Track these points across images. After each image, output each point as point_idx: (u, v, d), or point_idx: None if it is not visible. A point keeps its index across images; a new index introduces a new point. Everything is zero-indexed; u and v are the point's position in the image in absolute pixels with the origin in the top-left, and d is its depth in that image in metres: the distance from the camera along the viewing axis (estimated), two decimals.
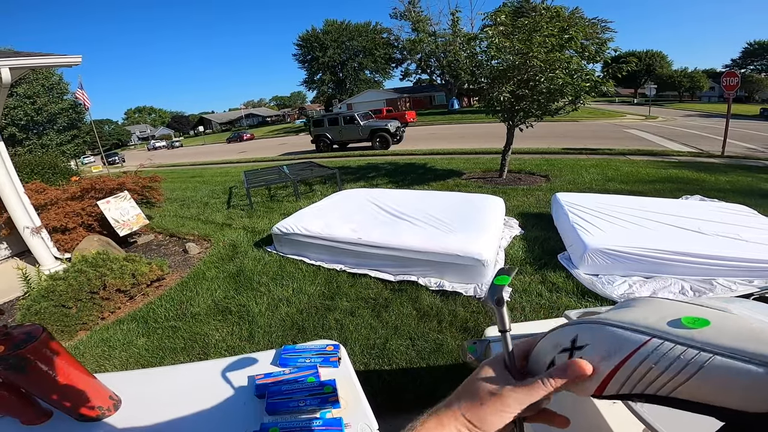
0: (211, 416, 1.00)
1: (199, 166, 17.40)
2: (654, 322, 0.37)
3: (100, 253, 3.58)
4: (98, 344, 3.01)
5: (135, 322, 3.28)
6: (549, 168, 8.22)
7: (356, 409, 1.00)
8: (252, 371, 1.14)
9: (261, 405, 1.00)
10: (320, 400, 0.99)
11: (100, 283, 3.28)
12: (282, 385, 1.04)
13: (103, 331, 3.20)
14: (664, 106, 38.32)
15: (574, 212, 4.00)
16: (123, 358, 2.82)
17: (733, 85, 9.53)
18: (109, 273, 3.34)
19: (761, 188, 6.22)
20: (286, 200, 7.07)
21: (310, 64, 50.59)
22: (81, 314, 3.15)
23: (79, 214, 4.91)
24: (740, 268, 3.05)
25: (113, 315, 3.42)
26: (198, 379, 1.14)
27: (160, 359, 2.75)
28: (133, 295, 3.58)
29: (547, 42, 5.45)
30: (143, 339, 3.03)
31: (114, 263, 3.45)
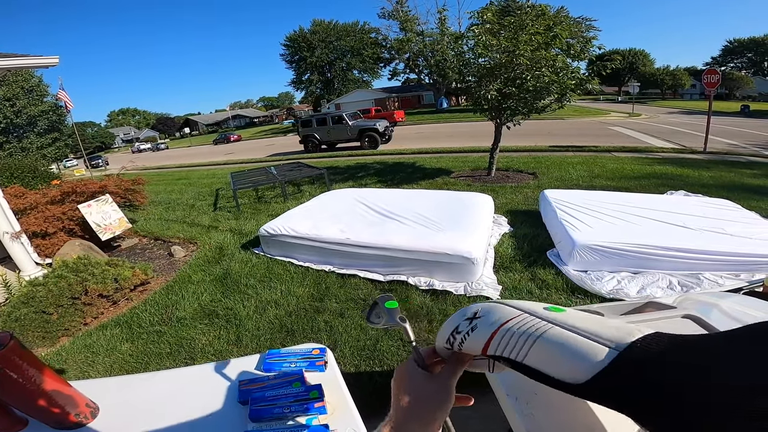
0: (191, 424, 0.96)
1: (185, 168, 17.13)
2: (532, 307, 0.47)
3: (81, 257, 3.48)
4: (81, 350, 2.93)
5: (119, 327, 3.19)
6: (536, 165, 8.29)
7: (343, 415, 0.97)
8: (236, 377, 1.11)
9: (244, 412, 0.97)
10: (306, 406, 0.97)
11: (82, 289, 3.20)
12: (266, 390, 1.01)
13: (85, 337, 3.11)
14: (647, 104, 39.09)
15: (562, 209, 4.02)
16: (107, 364, 2.74)
17: (714, 82, 9.72)
18: (90, 278, 3.25)
19: (744, 183, 6.36)
20: (274, 201, 6.99)
21: (298, 65, 50.35)
22: (62, 320, 3.06)
23: (59, 218, 4.77)
24: (726, 262, 3.09)
25: (96, 320, 3.33)
26: (179, 385, 1.11)
27: (144, 365, 2.68)
28: (117, 300, 3.50)
29: (533, 40, 5.49)
30: (127, 344, 2.95)
31: (95, 268, 3.35)
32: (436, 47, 28.91)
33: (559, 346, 0.38)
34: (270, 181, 7.25)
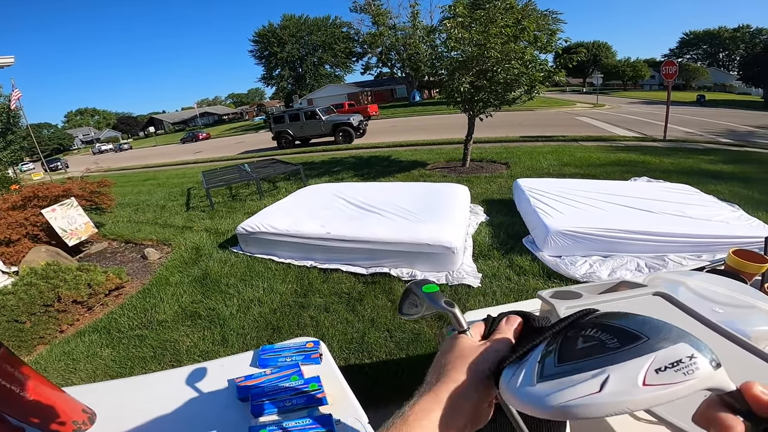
0: (195, 424, 0.96)
1: (152, 168, 16.47)
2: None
3: (50, 264, 3.33)
4: (60, 358, 2.83)
5: (97, 333, 3.09)
6: (509, 156, 8.51)
7: (344, 404, 0.99)
8: (230, 374, 1.10)
9: (245, 408, 0.97)
10: (307, 398, 0.98)
11: (54, 295, 3.08)
12: (265, 386, 1.02)
13: (63, 344, 3.01)
14: (610, 95, 40.60)
15: (535, 197, 4.17)
16: (89, 370, 2.66)
17: (672, 73, 10.21)
18: (62, 284, 3.13)
19: (701, 168, 6.77)
20: (249, 199, 6.86)
21: (268, 60, 49.22)
22: (37, 328, 2.96)
23: (22, 224, 4.52)
24: (688, 243, 3.29)
25: (72, 327, 3.22)
26: (175, 386, 1.09)
27: (129, 369, 2.62)
28: (92, 305, 3.38)
29: (503, 33, 5.61)
30: (108, 350, 2.86)
31: (66, 274, 3.23)
32: (408, 41, 28.93)
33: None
34: (244, 179, 7.11)
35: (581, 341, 0.35)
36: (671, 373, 0.29)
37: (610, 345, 0.32)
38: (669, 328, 0.32)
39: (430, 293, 0.52)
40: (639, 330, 0.32)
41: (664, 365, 0.29)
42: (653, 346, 0.31)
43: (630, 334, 0.32)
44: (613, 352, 0.32)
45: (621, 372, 0.30)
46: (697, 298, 1.03)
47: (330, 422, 0.89)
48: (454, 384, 0.41)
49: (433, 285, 0.53)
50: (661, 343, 0.30)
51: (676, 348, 0.30)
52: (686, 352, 0.29)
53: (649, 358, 0.30)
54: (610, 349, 0.32)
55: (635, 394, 0.29)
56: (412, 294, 0.54)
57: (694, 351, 0.29)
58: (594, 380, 0.31)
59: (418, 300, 0.53)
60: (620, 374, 0.30)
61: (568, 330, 0.39)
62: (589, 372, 0.32)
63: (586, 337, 0.35)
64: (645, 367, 0.30)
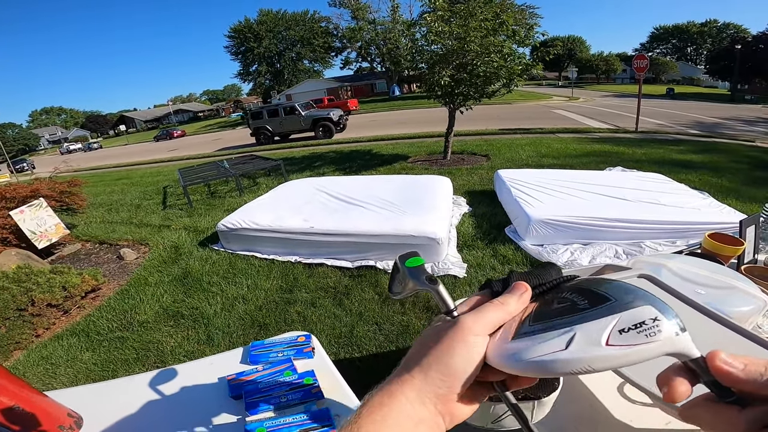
0: (186, 424, 0.92)
1: (124, 167, 15.89)
2: None
3: (22, 267, 3.18)
4: (38, 363, 2.73)
5: (75, 336, 2.98)
6: (489, 148, 8.62)
7: (341, 398, 0.98)
8: (220, 372, 1.07)
9: (239, 406, 0.94)
10: (302, 393, 0.95)
11: (27, 299, 2.96)
12: (258, 382, 0.99)
13: (41, 348, 2.89)
14: (585, 88, 41.63)
15: (516, 187, 4.24)
16: (70, 374, 2.57)
17: (643, 67, 10.52)
18: (35, 287, 3.01)
19: (672, 158, 7.03)
20: (229, 196, 6.72)
21: (245, 56, 48.09)
22: (12, 333, 2.84)
23: None
24: (663, 230, 3.41)
25: (49, 331, 3.10)
26: (163, 387, 1.05)
27: (112, 372, 2.53)
28: (68, 308, 3.26)
29: (482, 27, 5.65)
30: (88, 353, 2.77)
31: (39, 277, 3.09)
32: (388, 35, 28.84)
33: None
34: (223, 176, 6.95)
35: (556, 302, 0.36)
36: (634, 335, 0.29)
37: (580, 306, 0.33)
38: (636, 291, 0.32)
39: (412, 268, 0.45)
40: (608, 292, 0.33)
41: (628, 326, 0.30)
42: (619, 307, 0.31)
43: (599, 296, 0.33)
44: (581, 313, 0.32)
45: (586, 331, 0.31)
46: (679, 280, 1.05)
47: (328, 417, 0.88)
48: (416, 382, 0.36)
49: (417, 258, 0.46)
50: (626, 305, 0.31)
51: (641, 310, 0.30)
52: (650, 315, 0.29)
53: (614, 318, 0.30)
54: (579, 309, 0.33)
55: (598, 352, 0.30)
56: (398, 270, 0.47)
57: (658, 314, 0.29)
58: (561, 338, 0.32)
59: (403, 276, 0.46)
60: (585, 333, 0.31)
61: (547, 293, 0.39)
62: (558, 330, 0.32)
63: (560, 299, 0.36)
64: (609, 327, 0.30)
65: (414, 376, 0.36)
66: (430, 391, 0.35)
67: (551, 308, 0.36)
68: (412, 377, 0.36)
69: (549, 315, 0.35)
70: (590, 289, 0.35)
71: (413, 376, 0.36)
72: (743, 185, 5.21)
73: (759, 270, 1.30)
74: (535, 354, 0.32)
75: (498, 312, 0.38)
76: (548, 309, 0.36)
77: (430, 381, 0.35)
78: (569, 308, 0.34)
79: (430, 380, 0.35)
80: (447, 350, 0.36)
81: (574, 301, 0.34)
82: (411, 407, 0.35)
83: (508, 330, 0.37)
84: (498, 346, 0.36)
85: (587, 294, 0.34)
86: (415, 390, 0.35)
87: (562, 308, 0.35)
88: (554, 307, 0.36)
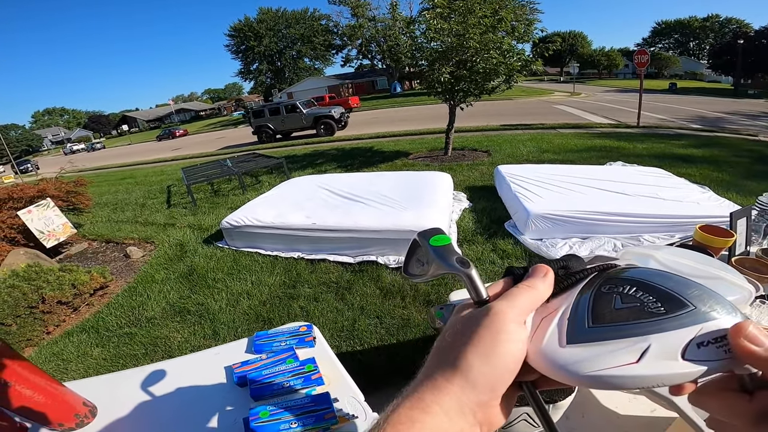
0: (195, 412, 0.98)
1: (128, 167, 16.00)
2: None
3: (32, 266, 3.26)
4: (50, 359, 2.81)
5: (85, 333, 3.06)
6: (489, 144, 8.64)
7: (340, 384, 1.03)
8: (226, 362, 1.12)
9: (245, 393, 1.00)
10: (304, 379, 1.01)
11: (38, 297, 3.04)
12: (262, 370, 1.04)
13: (52, 345, 2.98)
14: (586, 83, 41.45)
15: (516, 182, 4.28)
16: (81, 370, 2.65)
17: (644, 62, 10.49)
18: (45, 285, 3.09)
19: (673, 153, 7.03)
20: (232, 194, 6.79)
21: (245, 55, 48.08)
22: (23, 330, 2.93)
23: None
24: (662, 224, 3.43)
25: (59, 328, 3.19)
26: (172, 376, 1.10)
27: (121, 367, 2.60)
28: (77, 306, 3.34)
29: (481, 23, 5.68)
30: (98, 349, 2.84)
31: (49, 275, 3.18)
32: (388, 32, 28.76)
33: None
34: (225, 174, 7.01)
35: (619, 300, 0.30)
36: (713, 350, 0.25)
37: (653, 309, 0.28)
38: (718, 298, 0.28)
39: (438, 247, 0.39)
40: (684, 296, 0.28)
41: (707, 340, 0.26)
42: (701, 316, 0.26)
43: (675, 299, 0.28)
44: (657, 318, 0.28)
45: (663, 342, 0.26)
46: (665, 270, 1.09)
47: (328, 400, 0.92)
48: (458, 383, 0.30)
49: (443, 236, 0.40)
50: (709, 314, 0.27)
51: (723, 321, 0.26)
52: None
53: (694, 329, 0.26)
54: (654, 314, 0.28)
55: (675, 369, 0.26)
56: (419, 248, 0.42)
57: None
58: (633, 348, 0.27)
59: (425, 255, 0.40)
60: (662, 344, 0.26)
61: (602, 285, 0.33)
62: (630, 339, 0.28)
63: (624, 296, 0.30)
64: (688, 339, 0.26)
65: (452, 381, 0.30)
66: (472, 398, 0.30)
67: (613, 307, 0.30)
68: (449, 383, 0.30)
69: (614, 317, 0.30)
70: (663, 289, 0.29)
71: (451, 381, 0.30)
72: (744, 179, 5.22)
73: (750, 261, 1.30)
74: (599, 367, 0.27)
75: (529, 295, 0.34)
76: (609, 308, 0.31)
77: (472, 386, 0.30)
78: (638, 311, 0.29)
79: (472, 385, 0.30)
80: (489, 345, 0.30)
81: (643, 301, 0.29)
82: (449, 421, 0.29)
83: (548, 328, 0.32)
84: (549, 351, 0.31)
85: (658, 294, 0.29)
86: (455, 399, 0.30)
87: (630, 310, 0.29)
88: (618, 306, 0.30)
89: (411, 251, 0.44)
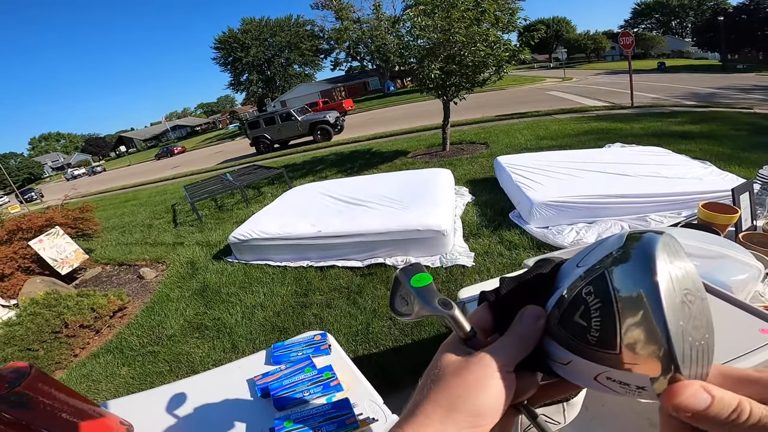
0: (224, 425, 1.02)
1: (131, 188, 16.13)
2: None
3: (50, 293, 3.37)
4: (81, 380, 2.91)
5: (110, 353, 3.17)
6: (486, 135, 8.67)
7: (358, 389, 1.06)
8: (248, 374, 1.17)
9: (268, 403, 1.04)
10: (323, 386, 1.05)
11: (60, 322, 3.17)
12: (282, 380, 1.08)
13: (80, 367, 3.09)
14: (576, 68, 41.14)
15: (516, 172, 4.30)
16: (111, 389, 2.75)
17: (629, 43, 10.50)
18: (66, 311, 3.21)
19: (670, 130, 7.03)
20: (236, 208, 6.86)
21: (234, 66, 48.12)
22: (51, 354, 3.06)
23: (12, 258, 4.50)
24: (667, 202, 3.42)
25: (84, 351, 3.31)
26: (199, 392, 1.15)
27: (149, 385, 2.67)
28: (99, 328, 3.46)
29: (465, 17, 5.71)
30: (125, 368, 2.94)
31: (68, 300, 3.30)
32: (374, 33, 28.81)
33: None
34: (228, 188, 7.07)
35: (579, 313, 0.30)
36: (617, 386, 0.28)
37: (589, 338, 0.29)
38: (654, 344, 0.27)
39: (419, 288, 0.39)
40: (617, 337, 0.27)
41: (616, 379, 0.28)
42: (617, 363, 0.27)
43: (607, 338, 0.27)
44: (585, 347, 0.29)
45: (580, 364, 0.30)
46: None
47: (348, 405, 0.96)
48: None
49: (423, 275, 0.40)
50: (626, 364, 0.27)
51: (633, 378, 0.27)
52: (640, 383, 0.27)
53: (605, 369, 0.28)
54: (587, 342, 0.29)
55: (587, 383, 0.30)
56: (400, 285, 0.41)
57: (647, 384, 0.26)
58: (566, 356, 0.31)
59: (408, 295, 0.40)
60: (579, 365, 0.30)
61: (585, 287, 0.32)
62: (564, 349, 0.31)
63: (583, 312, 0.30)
64: (599, 371, 0.29)
65: (432, 418, 0.30)
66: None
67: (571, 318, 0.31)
68: (429, 419, 0.30)
69: (565, 326, 0.31)
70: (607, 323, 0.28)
71: (431, 418, 0.30)
72: (744, 152, 5.21)
73: (758, 237, 1.27)
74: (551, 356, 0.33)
75: (520, 345, 0.33)
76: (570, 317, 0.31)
77: (453, 422, 0.30)
78: (579, 333, 0.30)
79: (452, 422, 0.30)
80: (475, 388, 0.31)
81: (585, 327, 0.29)
82: None
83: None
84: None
85: (601, 324, 0.28)
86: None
87: (577, 328, 0.30)
88: (574, 318, 0.31)
89: (395, 288, 0.43)
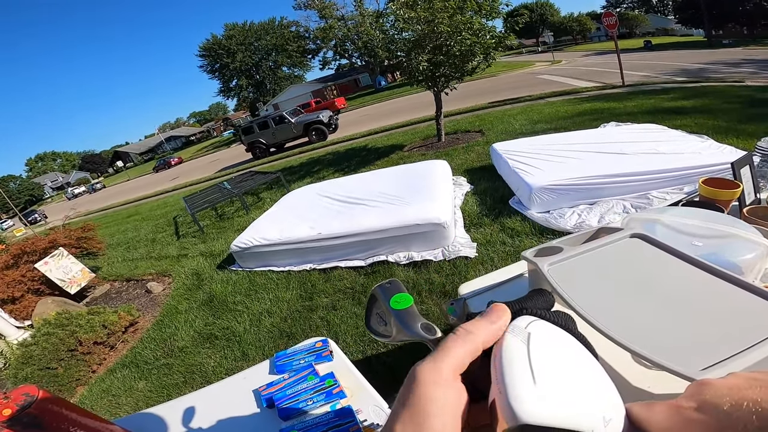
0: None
1: (131, 203, 16.18)
2: None
3: (61, 313, 3.47)
4: (101, 395, 3.00)
5: (127, 368, 3.24)
6: (481, 123, 8.64)
7: (362, 395, 1.05)
8: (253, 385, 1.18)
9: (273, 414, 1.05)
10: (326, 394, 1.05)
11: (75, 340, 3.26)
12: (286, 390, 1.09)
13: (99, 382, 3.19)
14: (564, 50, 40.70)
15: (513, 158, 4.29)
16: (131, 403, 2.81)
17: (613, 24, 10.48)
18: (78, 329, 3.29)
19: (664, 107, 7.00)
20: (236, 216, 6.87)
21: (221, 73, 47.89)
22: (70, 372, 3.16)
23: (21, 281, 4.58)
24: (667, 178, 3.39)
25: (102, 366, 3.41)
26: (208, 404, 1.17)
27: (166, 397, 2.72)
28: (113, 344, 3.57)
29: (447, 7, 5.67)
30: (142, 382, 3.01)
31: (79, 319, 3.38)
32: (360, 29, 28.65)
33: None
34: (226, 197, 7.08)
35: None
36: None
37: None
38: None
39: (400, 311, 0.36)
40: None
41: None
42: None
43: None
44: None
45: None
46: (674, 234, 1.00)
47: (351, 413, 0.96)
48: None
49: (403, 296, 0.37)
50: None
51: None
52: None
53: None
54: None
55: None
56: (377, 303, 0.39)
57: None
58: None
59: (385, 315, 0.38)
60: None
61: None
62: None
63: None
64: None
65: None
66: None
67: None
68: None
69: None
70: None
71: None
72: (740, 123, 5.18)
73: (762, 210, 1.23)
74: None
75: (464, 345, 0.30)
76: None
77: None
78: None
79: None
80: (415, 413, 0.28)
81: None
82: None
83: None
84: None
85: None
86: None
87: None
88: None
89: (370, 305, 0.41)
